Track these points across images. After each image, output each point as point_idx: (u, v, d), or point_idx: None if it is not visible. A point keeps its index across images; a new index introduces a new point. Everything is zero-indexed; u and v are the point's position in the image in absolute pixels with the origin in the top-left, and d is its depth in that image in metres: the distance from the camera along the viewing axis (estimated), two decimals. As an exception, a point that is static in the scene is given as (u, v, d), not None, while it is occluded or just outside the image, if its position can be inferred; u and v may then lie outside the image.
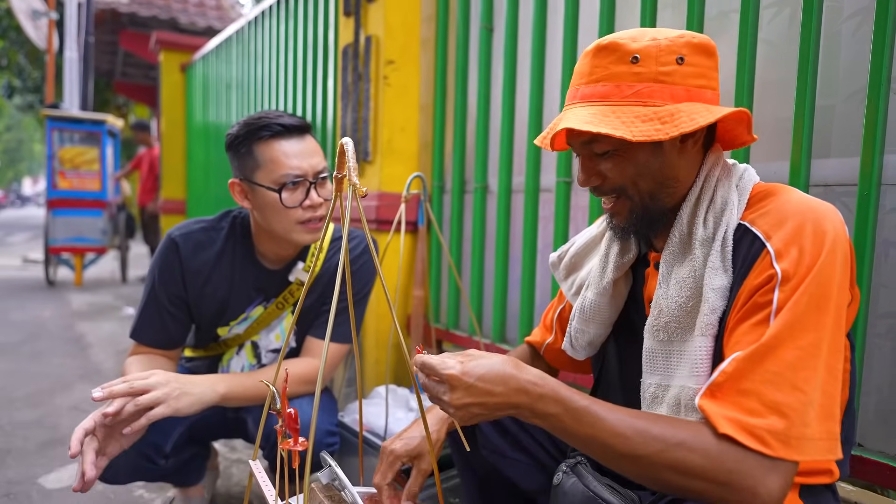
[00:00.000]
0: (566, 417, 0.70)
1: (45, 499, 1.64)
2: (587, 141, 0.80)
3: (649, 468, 0.68)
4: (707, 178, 0.80)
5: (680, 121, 0.73)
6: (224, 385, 1.16)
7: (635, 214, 0.82)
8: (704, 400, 0.69)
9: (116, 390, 1.01)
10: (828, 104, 1.12)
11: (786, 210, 0.73)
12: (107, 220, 5.41)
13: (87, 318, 4.12)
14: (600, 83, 0.78)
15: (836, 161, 1.11)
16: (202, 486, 1.55)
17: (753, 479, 0.64)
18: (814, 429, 0.65)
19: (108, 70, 9.96)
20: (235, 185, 1.26)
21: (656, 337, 0.81)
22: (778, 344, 0.66)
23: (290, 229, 1.23)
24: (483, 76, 1.84)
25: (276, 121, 1.20)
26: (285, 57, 2.97)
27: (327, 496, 0.91)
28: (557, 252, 1.07)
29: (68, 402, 2.43)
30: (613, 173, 0.80)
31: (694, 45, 0.77)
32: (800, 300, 0.67)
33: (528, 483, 1.09)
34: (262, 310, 1.36)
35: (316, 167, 1.23)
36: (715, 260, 0.75)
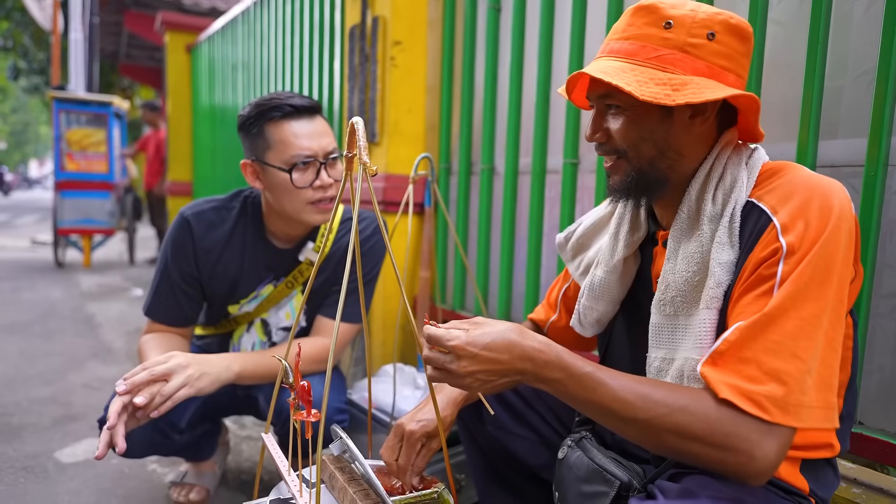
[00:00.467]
0: (570, 383, 0.72)
1: (61, 472, 1.69)
2: (602, 94, 0.82)
3: (650, 432, 0.70)
4: (718, 156, 0.81)
5: (690, 91, 0.74)
6: (239, 364, 1.19)
7: (630, 178, 0.83)
8: (706, 367, 0.71)
9: (138, 380, 1.03)
10: (836, 85, 1.12)
11: (793, 186, 0.74)
12: (114, 202, 5.45)
13: (96, 299, 4.17)
14: (629, 41, 0.79)
15: (844, 142, 1.11)
16: (214, 461, 1.59)
17: (750, 443, 0.66)
18: (811, 397, 0.67)
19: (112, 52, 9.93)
20: (247, 165, 1.28)
21: (662, 311, 0.83)
22: (780, 314, 0.68)
23: (300, 209, 1.24)
24: (490, 57, 1.84)
25: (287, 101, 1.21)
26: (291, 38, 2.95)
27: (338, 467, 0.94)
28: (564, 233, 1.08)
29: (81, 379, 2.48)
30: (619, 134, 0.81)
31: (730, 24, 0.78)
32: (803, 272, 0.68)
33: (533, 458, 1.11)
34: (272, 288, 1.38)
35: (326, 147, 1.24)
36: (722, 235, 0.76)
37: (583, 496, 0.88)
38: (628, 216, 0.94)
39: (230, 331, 1.46)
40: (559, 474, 0.96)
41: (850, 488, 1.05)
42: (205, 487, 1.52)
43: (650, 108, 0.79)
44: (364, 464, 0.82)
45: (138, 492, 1.60)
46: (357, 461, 0.88)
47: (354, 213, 0.78)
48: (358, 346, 2.16)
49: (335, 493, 0.90)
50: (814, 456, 0.81)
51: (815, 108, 1.11)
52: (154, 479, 1.67)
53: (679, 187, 0.84)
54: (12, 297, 4.13)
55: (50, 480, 1.64)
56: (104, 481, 1.65)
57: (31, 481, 1.63)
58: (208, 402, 1.38)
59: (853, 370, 0.83)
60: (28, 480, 1.63)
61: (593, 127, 0.85)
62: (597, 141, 0.85)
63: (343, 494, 0.88)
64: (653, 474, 0.85)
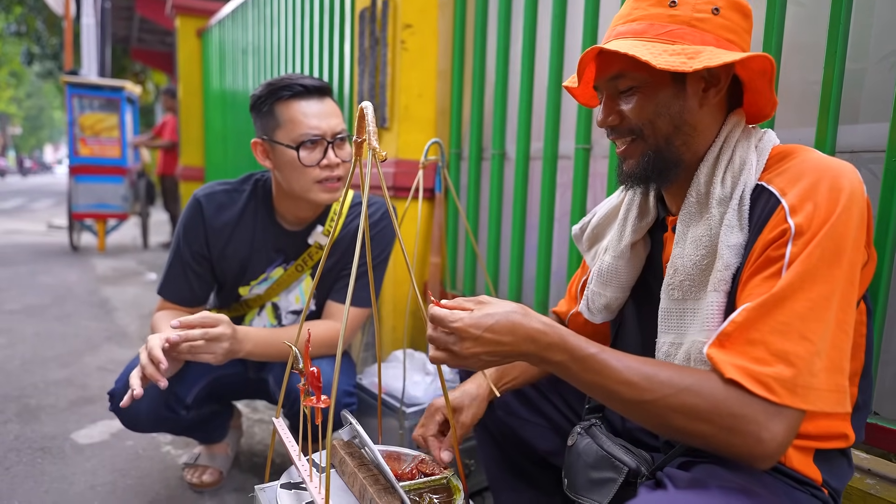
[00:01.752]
0: (573, 365, 0.72)
1: (78, 453, 1.72)
2: (613, 77, 0.81)
3: (656, 413, 0.70)
4: (727, 139, 0.80)
5: (705, 57, 0.74)
6: (251, 342, 1.21)
7: (647, 157, 0.82)
8: (712, 349, 0.70)
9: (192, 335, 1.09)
10: (858, 67, 1.08)
11: (802, 168, 0.73)
12: (127, 187, 5.49)
13: (111, 283, 4.22)
14: (636, 21, 0.80)
15: (865, 127, 1.08)
16: (226, 444, 1.61)
17: (757, 425, 0.65)
18: (821, 379, 0.66)
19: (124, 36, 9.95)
20: (258, 144, 1.30)
21: (671, 296, 0.82)
22: (788, 295, 0.67)
23: (308, 188, 1.26)
24: (502, 40, 1.81)
25: (297, 81, 1.24)
26: (301, 21, 2.93)
27: (348, 452, 0.94)
28: (579, 224, 1.08)
29: (96, 362, 2.52)
30: (633, 112, 0.81)
31: (732, 1, 0.79)
32: (812, 253, 0.67)
33: (543, 444, 1.12)
34: (282, 271, 1.40)
35: (334, 128, 1.26)
36: (731, 218, 0.75)
37: (591, 482, 0.88)
38: (637, 201, 0.93)
39: (242, 314, 1.47)
40: (568, 461, 0.96)
41: (864, 479, 1.04)
42: (217, 469, 1.55)
43: (664, 83, 0.78)
44: (373, 449, 0.83)
45: (152, 472, 1.63)
46: (367, 446, 0.88)
47: (364, 198, 0.78)
48: (368, 331, 2.16)
49: (345, 478, 0.91)
50: (828, 446, 0.80)
51: (836, 92, 1.08)
52: (168, 460, 1.70)
53: (689, 171, 0.83)
54: (30, 280, 4.20)
55: (66, 461, 1.67)
56: (119, 462, 1.68)
57: (48, 462, 1.66)
58: (217, 382, 1.40)
59: (867, 358, 0.82)
60: (45, 461, 1.66)
61: (605, 111, 0.84)
62: (610, 124, 0.84)
63: (353, 479, 0.89)
64: (661, 461, 0.85)
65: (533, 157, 1.76)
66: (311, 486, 0.82)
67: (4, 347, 2.66)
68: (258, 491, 1.01)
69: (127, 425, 1.32)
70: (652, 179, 0.84)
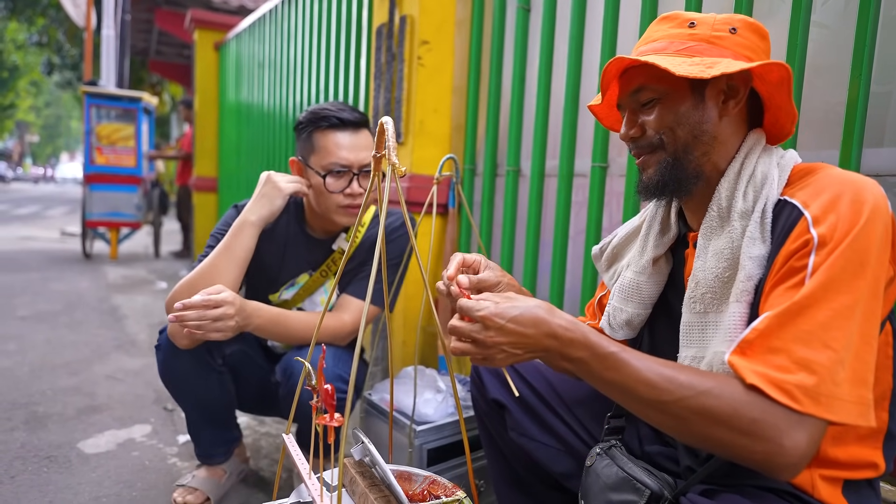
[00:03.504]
0: (594, 362, 0.72)
1: (84, 463, 1.71)
2: (634, 91, 0.84)
3: (675, 415, 0.68)
4: (748, 154, 0.81)
5: (721, 66, 0.75)
6: (261, 321, 1.27)
7: (665, 165, 0.83)
8: (734, 356, 0.69)
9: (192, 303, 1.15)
10: (883, 91, 1.07)
11: (825, 182, 0.73)
12: (141, 196, 5.54)
13: (121, 291, 4.24)
14: (656, 42, 0.83)
15: (890, 151, 1.06)
16: (223, 470, 1.57)
17: (779, 431, 0.64)
18: (845, 390, 0.64)
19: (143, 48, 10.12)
20: (294, 163, 1.43)
21: (692, 309, 0.82)
22: (811, 304, 0.66)
23: (331, 210, 1.38)
24: (519, 57, 1.81)
25: (337, 114, 1.35)
26: (318, 36, 2.96)
27: (359, 472, 0.92)
28: (599, 244, 1.08)
29: (105, 370, 2.52)
30: (654, 122, 0.83)
31: (748, 22, 0.82)
32: (835, 263, 0.66)
33: (557, 466, 1.09)
34: (308, 277, 1.49)
35: (363, 161, 1.36)
36: (754, 231, 0.75)
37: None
38: (659, 217, 0.94)
39: None
40: (586, 483, 0.94)
41: (889, 512, 1.00)
42: (205, 494, 1.50)
43: (683, 94, 0.80)
44: (386, 470, 0.81)
45: (157, 484, 1.61)
46: (378, 466, 0.86)
47: (382, 212, 0.77)
48: (379, 345, 2.15)
49: (355, 497, 0.89)
50: (857, 476, 0.77)
51: (860, 115, 1.06)
52: (174, 472, 1.69)
53: (710, 185, 0.83)
54: (42, 286, 4.23)
55: (72, 471, 1.66)
56: (125, 473, 1.66)
57: (53, 471, 1.65)
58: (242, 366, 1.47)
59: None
60: (51, 470, 1.65)
61: (628, 124, 0.86)
62: (632, 136, 0.86)
63: (364, 500, 0.87)
64: (684, 486, 0.82)
65: (548, 174, 1.75)
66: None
67: (14, 354, 2.66)
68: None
69: (163, 363, 1.36)
70: (670, 189, 0.84)
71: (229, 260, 1.30)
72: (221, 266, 1.29)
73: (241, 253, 1.31)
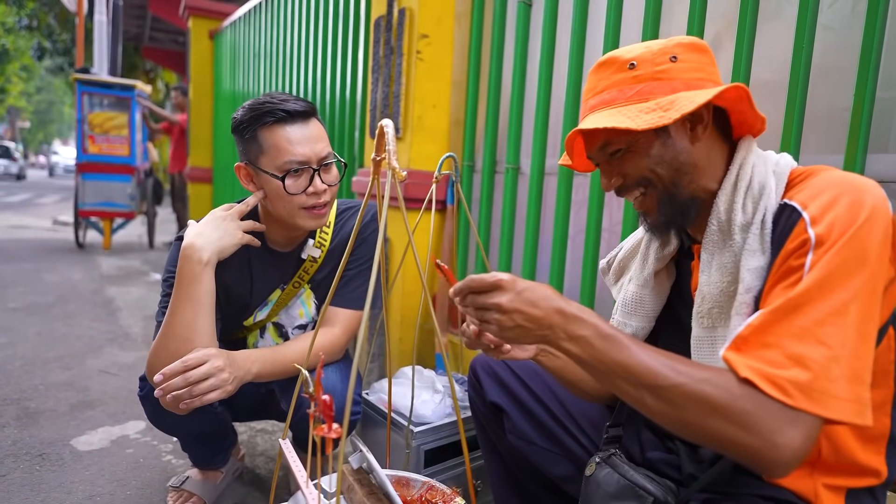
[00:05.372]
0: (596, 341, 0.72)
1: (77, 460, 1.69)
2: (601, 146, 0.85)
3: (670, 401, 0.68)
4: (742, 166, 0.81)
5: (680, 104, 0.76)
6: (258, 365, 1.19)
7: (663, 203, 0.83)
8: (729, 352, 0.69)
9: (172, 374, 1.05)
10: (889, 96, 1.06)
11: (824, 184, 0.73)
12: (135, 186, 5.49)
13: (115, 283, 4.21)
14: (604, 92, 0.83)
15: (895, 157, 1.05)
16: (221, 472, 1.55)
17: (772, 427, 0.63)
18: (839, 386, 0.63)
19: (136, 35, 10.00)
20: (241, 168, 1.25)
21: (701, 324, 0.82)
22: (806, 300, 0.66)
23: (294, 214, 1.23)
24: (519, 53, 1.79)
25: (281, 106, 1.18)
26: (315, 26, 2.92)
27: (356, 479, 0.91)
28: (606, 258, 1.09)
29: (98, 364, 2.50)
30: (631, 168, 0.83)
31: (685, 44, 0.82)
32: (832, 261, 0.66)
33: (555, 470, 1.10)
34: (280, 292, 1.38)
35: (320, 153, 1.21)
36: (753, 243, 0.76)
37: None
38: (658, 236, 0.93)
39: (241, 337, 1.44)
40: (586, 492, 0.93)
41: (887, 520, 1.00)
42: (201, 499, 1.48)
43: (649, 137, 0.81)
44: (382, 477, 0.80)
45: (152, 482, 1.60)
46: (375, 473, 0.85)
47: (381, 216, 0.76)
48: (374, 342, 2.14)
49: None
50: (860, 484, 0.78)
51: (866, 120, 1.05)
52: (169, 469, 1.67)
53: (707, 202, 0.83)
54: (34, 277, 4.19)
55: (65, 468, 1.64)
56: (119, 471, 1.65)
57: (46, 469, 1.63)
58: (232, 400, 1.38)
59: None
60: (43, 468, 1.64)
61: (606, 176, 0.87)
62: (614, 186, 0.87)
63: (361, 508, 0.86)
64: (686, 493, 0.82)
65: (548, 172, 1.73)
66: (319, 516, 0.79)
67: (5, 347, 2.64)
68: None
69: (153, 415, 1.29)
70: (678, 221, 0.85)
71: (198, 311, 1.15)
72: (189, 319, 1.14)
73: (207, 298, 1.16)
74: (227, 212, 1.23)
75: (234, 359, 1.13)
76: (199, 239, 1.17)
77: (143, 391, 1.29)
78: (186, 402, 1.05)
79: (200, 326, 1.15)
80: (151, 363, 1.16)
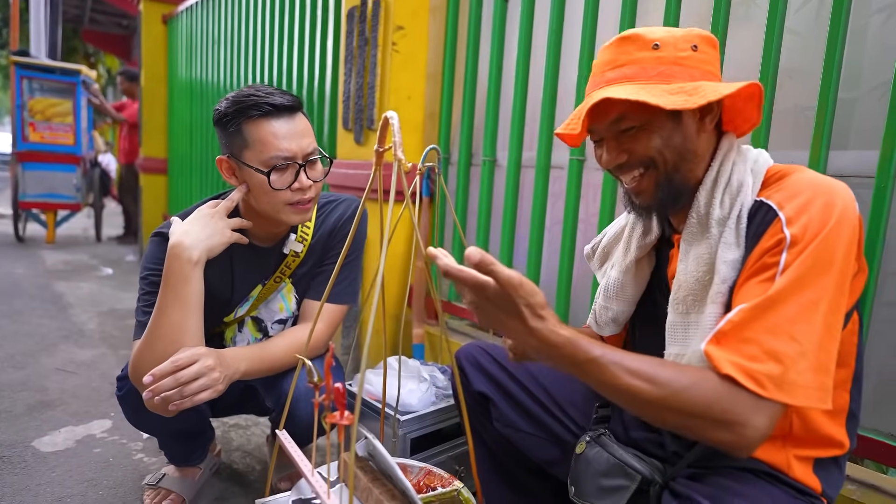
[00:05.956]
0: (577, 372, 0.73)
1: (41, 462, 1.63)
2: (616, 119, 0.85)
3: (653, 411, 0.73)
4: (723, 162, 0.85)
5: (705, 92, 0.78)
6: (245, 364, 1.17)
7: (661, 186, 0.86)
8: (710, 346, 0.74)
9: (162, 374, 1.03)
10: (850, 97, 1.14)
11: (800, 185, 0.78)
12: (80, 176, 5.22)
13: (63, 278, 4.01)
14: (625, 67, 0.84)
15: (855, 153, 1.14)
16: (199, 468, 1.53)
17: (744, 418, 0.70)
18: (806, 377, 0.70)
19: (75, 16, 9.46)
20: (223, 161, 1.23)
21: (676, 310, 0.86)
22: (781, 299, 0.72)
23: (278, 210, 1.21)
24: (496, 46, 1.82)
25: (267, 100, 1.16)
26: (280, 13, 2.86)
27: (359, 467, 0.92)
28: (591, 244, 1.12)
29: (53, 363, 2.39)
30: (640, 148, 0.85)
31: (703, 37, 0.86)
32: (805, 261, 0.72)
33: (542, 454, 1.13)
34: (261, 287, 1.36)
35: (306, 149, 1.19)
36: (729, 237, 0.80)
37: (602, 489, 0.90)
38: (641, 220, 0.97)
39: (220, 331, 1.41)
40: (576, 469, 0.97)
41: (847, 485, 1.09)
42: (180, 496, 1.45)
43: (662, 119, 0.83)
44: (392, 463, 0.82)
45: (125, 481, 1.56)
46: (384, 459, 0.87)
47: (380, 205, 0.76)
48: (348, 334, 2.13)
49: (358, 493, 0.89)
50: (826, 454, 0.84)
51: (829, 119, 1.13)
52: (142, 468, 1.63)
53: (693, 193, 0.87)
54: (-29, 273, 3.94)
55: (29, 471, 1.57)
56: (88, 472, 1.59)
57: (8, 472, 1.56)
58: None
59: (859, 365, 0.87)
60: (5, 471, 1.56)
61: (612, 152, 0.87)
62: (618, 163, 0.87)
63: (367, 494, 0.87)
64: (672, 471, 0.87)
65: (525, 165, 1.77)
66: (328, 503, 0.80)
67: (-50, 346, 2.49)
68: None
69: (133, 416, 1.26)
70: (667, 206, 0.88)
71: (186, 311, 1.12)
72: (178, 319, 1.12)
73: (196, 298, 1.14)
74: (213, 209, 1.20)
75: (223, 357, 1.11)
76: (188, 238, 1.14)
77: (123, 391, 1.26)
78: (176, 404, 1.03)
79: (189, 327, 1.13)
80: (137, 364, 1.12)
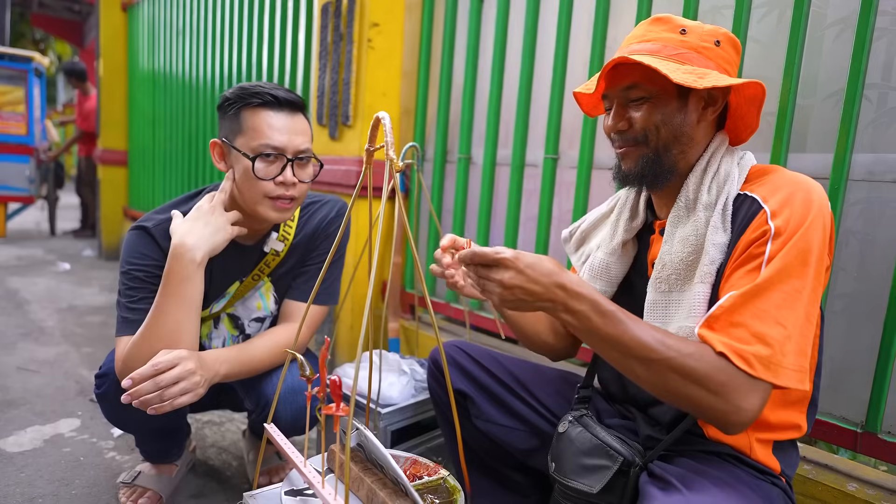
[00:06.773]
0: (593, 315, 0.79)
1: (8, 463, 1.59)
2: (627, 87, 0.91)
3: (658, 371, 0.78)
4: (714, 154, 0.92)
5: (713, 79, 0.84)
6: (226, 367, 1.17)
7: (646, 160, 0.92)
8: (703, 329, 0.80)
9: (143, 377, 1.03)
10: (807, 103, 1.22)
11: (782, 182, 0.85)
12: (34, 168, 5.01)
13: (17, 273, 3.86)
14: (650, 42, 0.90)
15: (811, 156, 1.22)
16: (176, 465, 1.52)
17: (740, 394, 0.76)
18: (790, 360, 0.77)
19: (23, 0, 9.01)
20: (216, 145, 1.23)
21: (658, 289, 0.92)
22: (767, 287, 0.78)
23: (257, 201, 1.19)
24: (472, 45, 1.85)
25: (270, 91, 1.18)
26: (250, 4, 2.82)
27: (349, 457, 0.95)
28: (569, 228, 1.16)
29: (13, 361, 2.31)
30: (641, 119, 0.90)
31: (729, 36, 0.92)
32: (789, 252, 0.78)
33: (522, 445, 1.16)
34: (238, 284, 1.35)
35: (298, 146, 1.20)
36: (716, 221, 0.86)
37: (583, 468, 0.94)
38: (629, 204, 1.03)
39: None
40: (558, 446, 1.00)
41: (802, 465, 1.18)
42: (157, 494, 1.43)
43: (670, 97, 0.89)
44: (385, 453, 0.84)
45: (99, 480, 1.53)
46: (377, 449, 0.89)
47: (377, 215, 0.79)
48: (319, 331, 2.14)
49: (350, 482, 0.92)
50: (784, 437, 0.91)
51: (788, 123, 1.21)
52: (115, 466, 1.61)
53: (679, 179, 0.93)
54: (-84, 268, 3.75)
55: (-3, 471, 1.54)
56: (59, 471, 1.56)
57: (-25, 473, 1.52)
58: None
59: (820, 356, 0.94)
60: (-29, 472, 1.52)
61: (616, 117, 0.93)
62: (619, 129, 0.93)
63: (358, 484, 0.90)
64: (651, 454, 0.92)
65: (499, 163, 1.81)
66: (323, 493, 0.82)
67: None
68: (248, 498, 1.00)
69: (112, 414, 1.24)
70: (647, 181, 0.93)
71: (187, 311, 1.12)
72: (179, 319, 1.11)
73: (197, 298, 1.14)
74: (211, 204, 1.20)
75: (203, 360, 1.11)
76: (191, 237, 1.13)
77: (101, 389, 1.24)
78: (156, 408, 1.02)
79: (188, 327, 1.13)
80: (129, 362, 1.11)
